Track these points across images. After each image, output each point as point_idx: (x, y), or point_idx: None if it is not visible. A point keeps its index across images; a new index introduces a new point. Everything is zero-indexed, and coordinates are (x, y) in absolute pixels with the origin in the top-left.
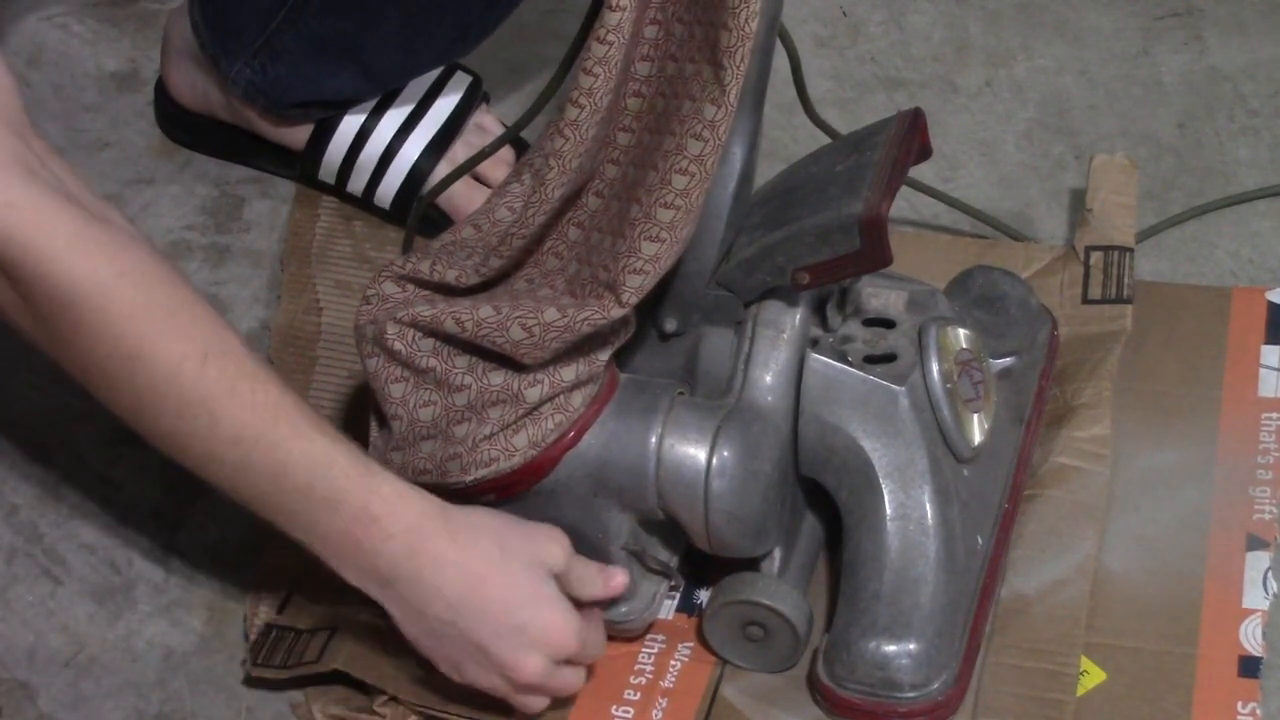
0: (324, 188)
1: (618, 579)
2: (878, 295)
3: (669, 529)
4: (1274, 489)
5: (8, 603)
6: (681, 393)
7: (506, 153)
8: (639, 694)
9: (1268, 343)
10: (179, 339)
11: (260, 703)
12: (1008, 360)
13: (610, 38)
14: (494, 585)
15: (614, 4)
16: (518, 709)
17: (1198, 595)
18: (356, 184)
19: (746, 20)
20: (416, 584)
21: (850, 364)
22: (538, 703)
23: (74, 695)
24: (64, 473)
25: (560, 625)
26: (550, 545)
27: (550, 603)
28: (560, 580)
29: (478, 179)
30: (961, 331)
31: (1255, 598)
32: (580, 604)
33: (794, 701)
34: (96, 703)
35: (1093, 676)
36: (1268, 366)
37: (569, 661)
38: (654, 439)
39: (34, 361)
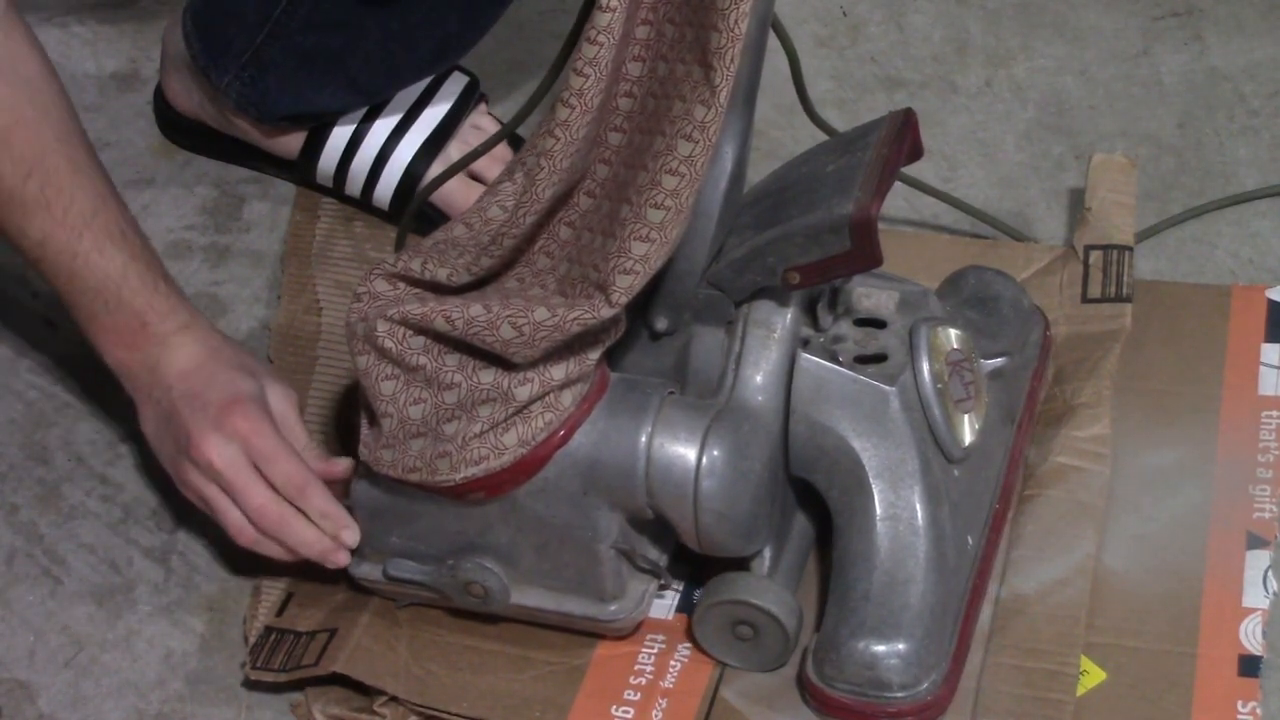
0: (323, 190)
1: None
2: (869, 295)
3: (659, 528)
4: (1274, 487)
5: (8, 603)
6: (672, 392)
7: (504, 151)
8: (639, 694)
9: (1268, 341)
10: (6, 158)
11: (260, 703)
12: (999, 360)
13: (601, 38)
14: (209, 373)
15: (605, 4)
16: (211, 513)
17: (1198, 594)
18: (353, 188)
19: (736, 22)
20: (157, 369)
21: (841, 364)
22: (228, 507)
23: (74, 695)
24: (64, 473)
25: (248, 411)
26: (281, 399)
27: (248, 400)
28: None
29: (475, 178)
30: (953, 332)
31: (1255, 596)
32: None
33: (793, 703)
34: (96, 703)
35: (1093, 676)
36: (1268, 365)
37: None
38: (644, 438)
39: (34, 361)
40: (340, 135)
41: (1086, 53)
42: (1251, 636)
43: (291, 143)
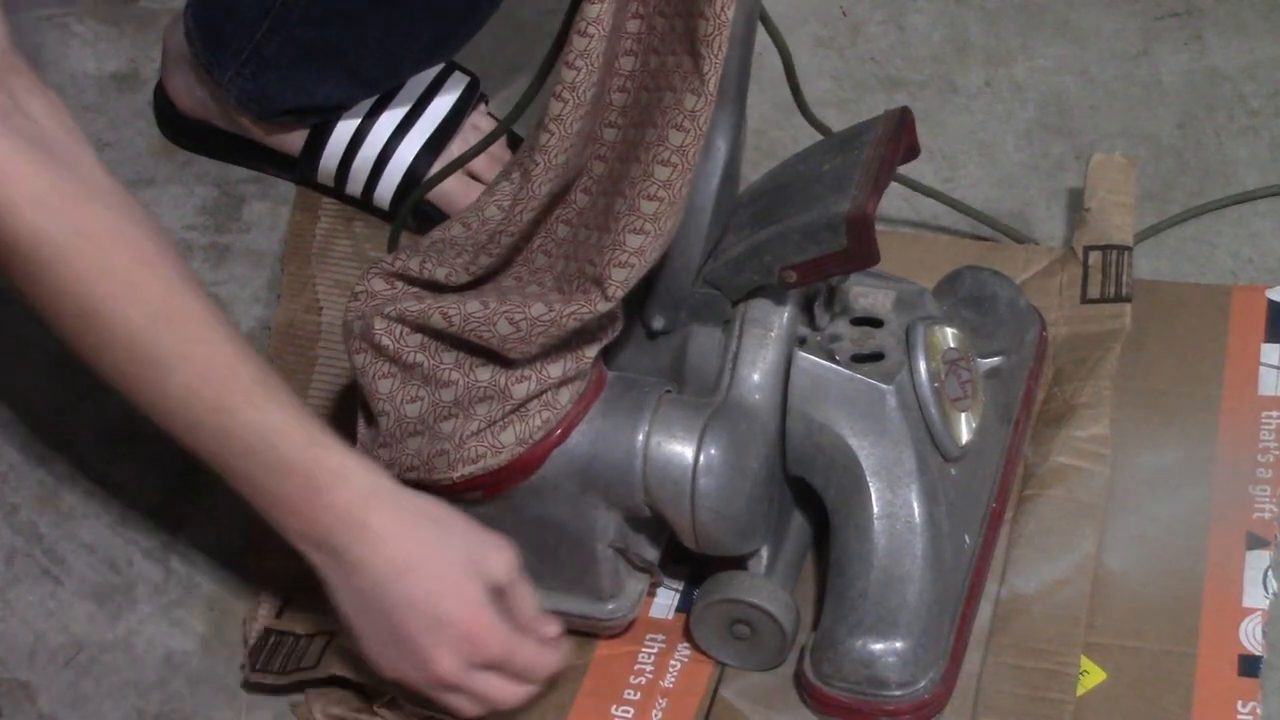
0: (324, 189)
1: (552, 629)
2: (866, 294)
3: (654, 526)
4: (1274, 487)
5: (8, 603)
6: (669, 391)
7: (504, 151)
8: (639, 694)
9: (1268, 341)
10: (134, 302)
11: (260, 703)
12: (995, 360)
13: (590, 30)
14: (423, 573)
15: None
16: (444, 707)
17: (1198, 594)
18: (354, 187)
19: (723, 8)
20: (348, 556)
21: (838, 363)
22: (464, 704)
23: (74, 695)
24: (64, 473)
25: (482, 627)
26: (494, 553)
27: (476, 604)
28: (500, 595)
29: (475, 178)
30: (949, 331)
31: (1255, 596)
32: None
33: (794, 703)
34: (96, 703)
35: (1093, 676)
36: (1268, 365)
37: (497, 669)
38: (641, 437)
39: (34, 361)
40: (342, 134)
41: (1086, 53)
42: (1251, 636)
43: (293, 140)
